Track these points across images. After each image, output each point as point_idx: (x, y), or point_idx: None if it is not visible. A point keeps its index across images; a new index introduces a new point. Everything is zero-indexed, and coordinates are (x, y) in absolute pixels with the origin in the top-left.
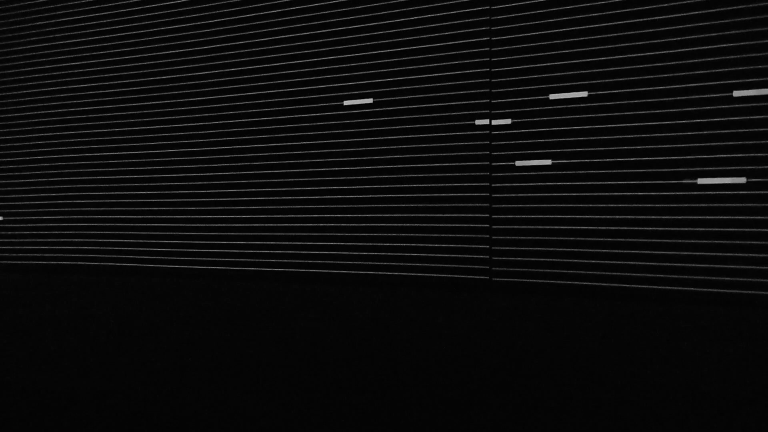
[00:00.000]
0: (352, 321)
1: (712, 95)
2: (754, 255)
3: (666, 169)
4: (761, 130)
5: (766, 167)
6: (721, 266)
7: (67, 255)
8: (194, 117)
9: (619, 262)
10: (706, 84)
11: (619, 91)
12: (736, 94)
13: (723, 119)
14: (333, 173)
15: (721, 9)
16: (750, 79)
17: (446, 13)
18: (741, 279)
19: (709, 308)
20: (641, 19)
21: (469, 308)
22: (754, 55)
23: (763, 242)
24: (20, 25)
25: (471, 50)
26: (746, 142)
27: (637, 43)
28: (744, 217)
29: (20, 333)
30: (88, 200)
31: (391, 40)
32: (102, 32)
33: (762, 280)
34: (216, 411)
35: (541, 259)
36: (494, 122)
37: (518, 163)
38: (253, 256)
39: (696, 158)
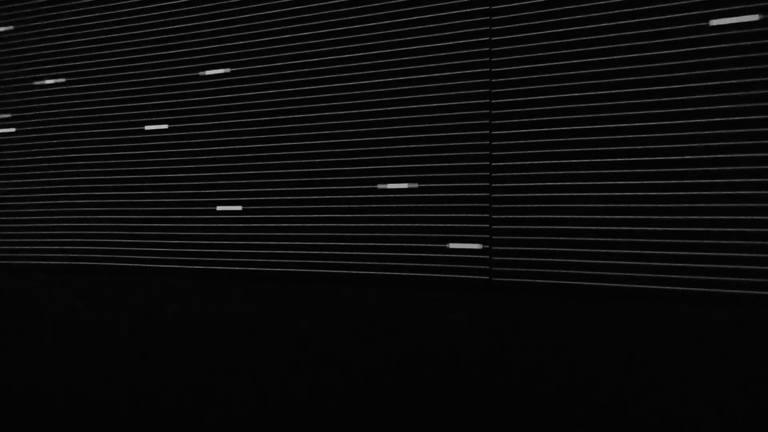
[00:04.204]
0: (351, 321)
1: (712, 95)
2: (754, 255)
3: (665, 170)
4: (762, 130)
5: (765, 167)
6: (721, 266)
7: (67, 255)
8: (194, 117)
9: (619, 262)
10: (707, 84)
11: (620, 91)
12: (738, 93)
13: (722, 119)
14: (333, 173)
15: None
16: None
17: (446, 13)
18: (741, 279)
19: (709, 308)
20: (643, 19)
21: (469, 308)
22: (752, 54)
23: (763, 242)
24: (19, 24)
25: (471, 50)
26: (745, 142)
27: (638, 43)
28: (744, 217)
29: (20, 333)
30: (88, 200)
31: (390, 40)
32: (99, 32)
33: (762, 280)
34: (216, 411)
35: (541, 259)
36: (494, 122)
37: (518, 162)
38: (253, 256)
39: (695, 158)
